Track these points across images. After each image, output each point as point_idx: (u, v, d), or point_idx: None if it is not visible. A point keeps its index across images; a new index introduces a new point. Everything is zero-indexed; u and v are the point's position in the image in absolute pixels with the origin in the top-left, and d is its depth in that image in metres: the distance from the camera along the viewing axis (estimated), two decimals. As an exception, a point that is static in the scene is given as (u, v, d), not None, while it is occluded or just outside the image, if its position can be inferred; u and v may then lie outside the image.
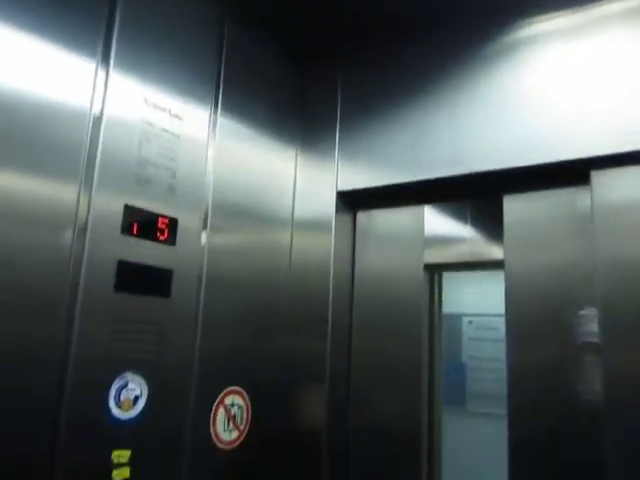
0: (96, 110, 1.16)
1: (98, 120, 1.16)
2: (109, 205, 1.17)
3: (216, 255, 1.41)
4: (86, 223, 1.12)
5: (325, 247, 1.61)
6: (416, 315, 1.58)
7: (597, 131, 1.27)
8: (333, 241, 1.61)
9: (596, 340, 1.24)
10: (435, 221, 1.64)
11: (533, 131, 1.35)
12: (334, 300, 1.58)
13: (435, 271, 1.66)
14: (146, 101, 1.27)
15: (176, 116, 1.34)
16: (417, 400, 1.54)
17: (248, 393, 1.47)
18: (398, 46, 1.62)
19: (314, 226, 1.65)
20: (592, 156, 1.26)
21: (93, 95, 1.16)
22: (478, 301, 2.81)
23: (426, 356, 1.61)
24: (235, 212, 1.50)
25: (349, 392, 1.62)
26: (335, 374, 1.57)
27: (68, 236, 1.09)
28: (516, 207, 1.43)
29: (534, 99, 1.37)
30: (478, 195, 1.54)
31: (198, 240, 1.37)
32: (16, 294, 1.00)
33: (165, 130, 1.31)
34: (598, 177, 1.29)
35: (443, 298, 1.76)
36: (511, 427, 1.33)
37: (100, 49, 1.19)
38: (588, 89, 1.30)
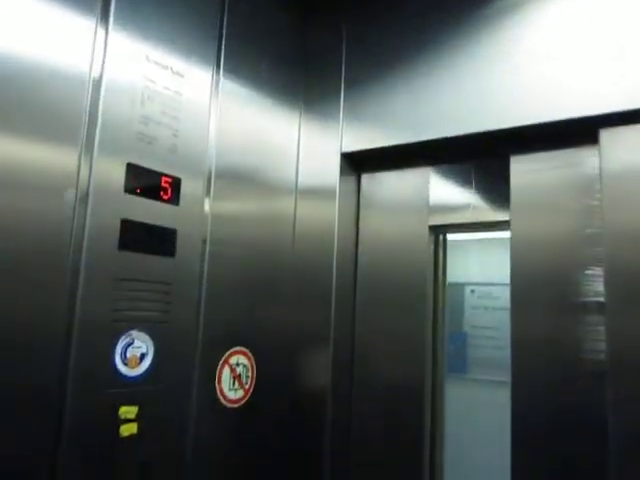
0: (96, 68, 1.14)
1: (98, 78, 1.14)
2: (112, 164, 1.16)
3: (219, 216, 1.40)
4: (89, 183, 1.11)
5: (329, 210, 1.60)
6: (421, 280, 1.57)
7: (605, 88, 1.24)
8: (337, 204, 1.59)
9: (602, 304, 1.24)
10: (439, 184, 1.62)
11: (539, 89, 1.32)
12: (338, 266, 1.58)
13: (440, 232, 1.64)
14: (147, 58, 1.25)
15: (178, 73, 1.31)
16: (421, 367, 1.54)
17: (253, 354, 1.48)
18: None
19: (318, 189, 1.63)
20: (600, 113, 1.24)
21: (93, 53, 1.14)
22: (480, 270, 2.82)
23: (430, 323, 1.61)
24: (238, 174, 1.48)
25: (353, 357, 1.62)
26: (340, 340, 1.57)
27: (71, 197, 1.08)
28: (524, 168, 1.41)
29: (539, 56, 1.34)
30: (485, 155, 1.52)
31: (201, 200, 1.35)
32: (20, 256, 1.00)
33: (167, 88, 1.28)
34: (607, 136, 1.27)
35: (447, 264, 1.75)
36: (515, 397, 1.33)
37: (99, 4, 1.16)
38: (595, 44, 1.27)
